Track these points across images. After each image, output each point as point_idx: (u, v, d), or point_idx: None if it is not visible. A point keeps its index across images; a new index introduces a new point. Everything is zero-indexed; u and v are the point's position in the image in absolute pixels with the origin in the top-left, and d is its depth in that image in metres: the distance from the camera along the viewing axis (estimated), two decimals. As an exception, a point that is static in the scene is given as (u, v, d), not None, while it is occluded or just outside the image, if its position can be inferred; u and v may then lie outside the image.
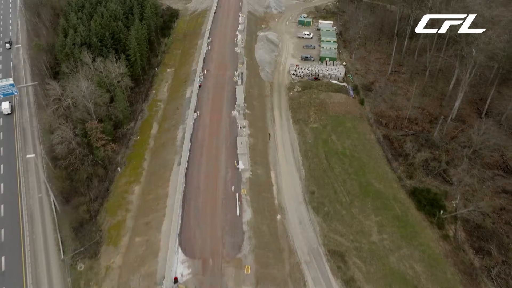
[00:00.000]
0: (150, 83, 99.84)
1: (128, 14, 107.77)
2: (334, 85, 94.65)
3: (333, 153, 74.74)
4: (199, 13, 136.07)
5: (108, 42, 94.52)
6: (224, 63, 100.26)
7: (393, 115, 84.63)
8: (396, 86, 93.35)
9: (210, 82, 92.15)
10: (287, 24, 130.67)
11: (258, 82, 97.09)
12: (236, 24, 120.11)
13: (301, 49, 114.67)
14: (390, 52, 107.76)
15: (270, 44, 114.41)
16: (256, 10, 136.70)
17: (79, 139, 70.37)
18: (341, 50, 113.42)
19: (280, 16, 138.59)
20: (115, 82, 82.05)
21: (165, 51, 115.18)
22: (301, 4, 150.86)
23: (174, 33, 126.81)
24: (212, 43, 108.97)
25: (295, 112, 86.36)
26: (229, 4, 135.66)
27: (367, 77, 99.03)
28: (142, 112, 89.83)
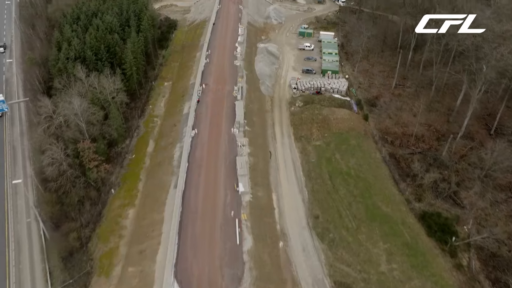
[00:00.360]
0: (147, 97, 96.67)
1: (124, 26, 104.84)
2: (337, 100, 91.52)
3: (338, 173, 71.34)
4: (197, 24, 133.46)
5: (103, 56, 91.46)
6: (223, 76, 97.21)
7: (399, 132, 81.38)
8: (401, 101, 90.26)
9: (208, 97, 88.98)
10: (288, 35, 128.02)
11: (258, 96, 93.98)
12: (236, 36, 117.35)
13: (302, 61, 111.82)
14: (393, 64, 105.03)
15: (270, 57, 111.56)
16: (256, 21, 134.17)
17: (70, 160, 66.91)
18: (343, 63, 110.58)
19: (280, 27, 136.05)
20: (109, 98, 78.82)
21: (163, 64, 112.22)
22: (301, 14, 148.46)
23: (172, 44, 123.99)
24: (211, 56, 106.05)
25: (297, 128, 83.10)
26: (228, 15, 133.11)
27: (370, 91, 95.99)
28: (138, 128, 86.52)
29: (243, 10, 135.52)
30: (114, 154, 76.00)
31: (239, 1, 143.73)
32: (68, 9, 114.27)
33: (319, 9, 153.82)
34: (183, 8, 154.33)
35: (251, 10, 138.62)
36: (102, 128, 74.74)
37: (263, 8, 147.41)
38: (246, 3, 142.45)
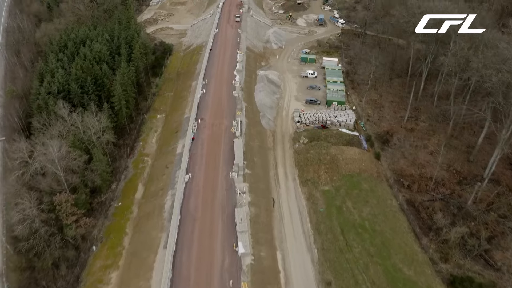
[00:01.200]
0: (137, 132, 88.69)
1: (114, 54, 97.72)
2: (344, 136, 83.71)
3: (350, 226, 62.89)
4: (194, 49, 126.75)
5: (90, 89, 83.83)
6: (220, 109, 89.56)
7: (416, 173, 73.36)
8: (415, 137, 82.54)
9: (204, 134, 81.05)
10: (289, 61, 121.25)
11: (259, 131, 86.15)
12: (234, 63, 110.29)
13: (305, 90, 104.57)
14: (404, 94, 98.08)
15: (271, 85, 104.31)
16: (255, 46, 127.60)
17: (45, 216, 58.23)
18: (349, 92, 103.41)
19: (281, 51, 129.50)
20: (94, 138, 70.69)
21: (156, 94, 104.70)
22: (302, 38, 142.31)
23: (167, 71, 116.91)
24: (207, 86, 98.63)
25: (303, 170, 74.95)
26: (226, 40, 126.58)
27: (380, 125, 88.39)
28: (127, 169, 78.25)
29: (241, 34, 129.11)
30: (97, 204, 67.32)
31: (237, 25, 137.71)
32: (57, 35, 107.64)
33: (320, 32, 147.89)
34: (179, 32, 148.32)
35: (250, 34, 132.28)
36: (85, 174, 66.35)
37: (262, 32, 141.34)
38: (245, 26, 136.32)
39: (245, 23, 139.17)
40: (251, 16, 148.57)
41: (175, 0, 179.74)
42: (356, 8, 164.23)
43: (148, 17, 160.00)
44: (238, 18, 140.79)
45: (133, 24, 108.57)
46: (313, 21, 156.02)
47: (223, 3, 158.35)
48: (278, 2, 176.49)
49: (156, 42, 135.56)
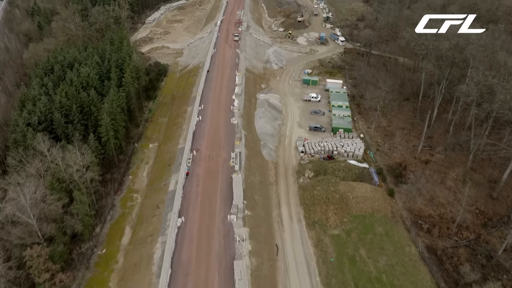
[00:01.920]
0: (127, 165, 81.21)
1: (104, 78, 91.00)
2: (353, 169, 76.41)
3: (365, 280, 55.05)
4: (190, 70, 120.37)
5: (75, 118, 76.77)
6: (217, 139, 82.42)
7: (435, 214, 65.92)
8: (430, 169, 75.36)
9: (200, 168, 73.65)
10: (290, 83, 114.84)
11: (259, 164, 78.81)
12: (232, 86, 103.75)
13: (308, 115, 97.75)
14: (414, 120, 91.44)
15: (272, 110, 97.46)
16: (255, 67, 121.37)
17: (13, 274, 50.25)
18: (355, 117, 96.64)
19: (282, 72, 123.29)
20: (76, 177, 63.14)
21: (149, 119, 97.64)
22: (303, 57, 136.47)
23: (161, 94, 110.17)
24: (204, 112, 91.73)
25: (309, 210, 67.37)
26: (225, 60, 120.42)
27: (392, 155, 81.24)
28: (113, 208, 70.52)
29: (240, 54, 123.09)
30: (77, 255, 59.31)
31: (236, 44, 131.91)
32: (44, 57, 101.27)
33: (322, 51, 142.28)
34: (175, 51, 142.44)
35: (249, 54, 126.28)
36: (63, 220, 58.55)
37: (262, 51, 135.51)
38: (244, 46, 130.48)
39: (244, 42, 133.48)
40: (250, 34, 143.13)
41: (172, 18, 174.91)
42: (359, 26, 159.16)
43: (144, 36, 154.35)
44: (237, 37, 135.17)
45: (125, 46, 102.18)
46: (314, 40, 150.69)
47: (221, 21, 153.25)
48: (278, 19, 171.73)
49: (151, 62, 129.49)
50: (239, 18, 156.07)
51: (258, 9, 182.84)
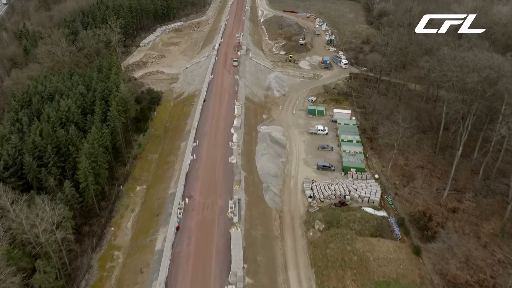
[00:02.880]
0: (110, 213, 70.67)
1: (88, 112, 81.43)
2: (370, 220, 65.97)
3: None
4: (185, 99, 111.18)
5: (50, 160, 66.65)
6: (214, 182, 72.21)
7: (473, 281, 55.07)
8: (460, 220, 64.96)
9: (193, 221, 63.15)
10: (294, 113, 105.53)
11: (262, 212, 68.38)
12: (231, 117, 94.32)
13: (315, 151, 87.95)
14: (434, 158, 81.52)
15: (275, 146, 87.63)
16: (255, 94, 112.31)
17: None
18: (368, 153, 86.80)
19: (284, 100, 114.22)
20: (42, 239, 52.54)
21: (138, 156, 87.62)
22: (307, 83, 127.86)
23: (153, 126, 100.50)
24: (198, 149, 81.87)
25: (322, 274, 56.59)
26: (222, 88, 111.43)
27: (413, 202, 70.99)
28: (90, 271, 59.65)
29: (239, 81, 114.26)
30: None
31: (234, 70, 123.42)
32: (28, 84, 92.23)
33: (327, 76, 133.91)
34: (170, 76, 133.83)
35: (249, 81, 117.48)
36: (23, 295, 47.66)
37: (262, 77, 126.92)
38: (243, 71, 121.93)
39: (244, 67, 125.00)
40: (250, 59, 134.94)
41: (167, 41, 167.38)
42: (364, 49, 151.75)
43: (137, 60, 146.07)
44: (236, 62, 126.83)
45: (114, 74, 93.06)
46: (317, 64, 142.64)
47: (220, 44, 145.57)
48: (279, 42, 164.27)
49: (144, 89, 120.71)
50: (238, 41, 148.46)
51: (258, 31, 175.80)
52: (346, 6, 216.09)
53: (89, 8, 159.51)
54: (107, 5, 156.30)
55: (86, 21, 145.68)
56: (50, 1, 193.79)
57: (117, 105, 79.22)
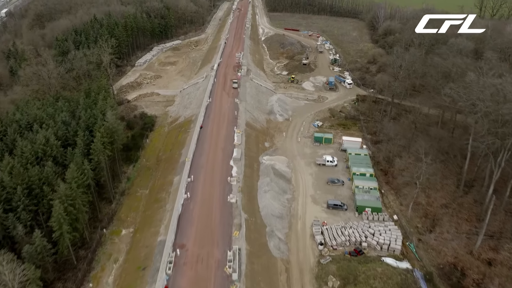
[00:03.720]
0: (89, 264, 60.81)
1: (70, 143, 72.57)
2: (393, 275, 56.20)
3: None
4: (181, 124, 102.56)
5: (20, 204, 57.32)
6: (210, 228, 62.69)
7: None
8: (499, 275, 55.19)
9: (184, 278, 53.40)
10: (299, 141, 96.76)
11: (265, 265, 58.65)
12: (230, 147, 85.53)
13: (324, 185, 78.82)
14: (459, 195, 72.17)
15: (279, 181, 78.44)
16: (256, 120, 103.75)
17: None
18: (383, 189, 77.57)
19: (288, 125, 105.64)
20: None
21: (126, 192, 78.29)
22: (311, 106, 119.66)
23: (145, 155, 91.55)
24: (193, 185, 72.69)
25: None
26: (221, 112, 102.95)
27: (441, 250, 61.38)
28: None
29: (239, 105, 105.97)
30: None
31: (234, 92, 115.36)
32: (3, 112, 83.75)
33: (332, 98, 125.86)
34: (166, 98, 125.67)
35: (250, 104, 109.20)
36: None
37: (264, 99, 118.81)
38: (244, 93, 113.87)
39: (244, 90, 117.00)
40: (251, 80, 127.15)
41: (164, 60, 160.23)
42: (370, 69, 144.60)
43: (132, 80, 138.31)
44: (236, 84, 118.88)
45: (101, 99, 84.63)
46: (322, 85, 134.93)
47: (219, 65, 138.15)
48: (281, 62, 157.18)
49: (137, 113, 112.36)
50: (238, 61, 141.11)
51: (259, 50, 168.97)
52: (349, 24, 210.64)
53: (82, 26, 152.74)
54: (101, 23, 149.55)
55: (79, 40, 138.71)
56: (45, 19, 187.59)
57: (102, 137, 70.31)
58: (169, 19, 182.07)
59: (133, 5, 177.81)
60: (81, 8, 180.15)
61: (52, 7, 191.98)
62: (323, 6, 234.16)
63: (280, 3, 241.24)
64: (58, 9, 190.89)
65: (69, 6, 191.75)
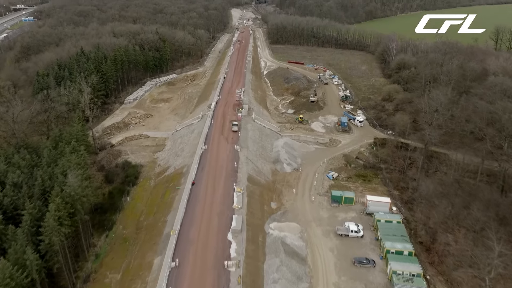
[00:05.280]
0: None
1: (14, 217, 54.94)
2: None
3: None
4: (170, 178, 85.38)
5: None
6: None
7: None
8: None
9: None
10: (313, 200, 79.29)
11: None
12: (228, 212, 68.11)
13: (349, 268, 60.58)
14: None
15: (291, 261, 60.12)
16: (260, 171, 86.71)
17: None
18: (427, 273, 59.08)
19: (298, 177, 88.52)
20: None
21: (91, 277, 59.71)
22: (323, 151, 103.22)
23: (122, 220, 73.77)
24: (178, 275, 54.41)
25: None
26: (218, 164, 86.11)
27: None
28: None
29: (240, 153, 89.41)
30: None
31: (234, 137, 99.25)
32: None
33: (346, 142, 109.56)
34: (155, 142, 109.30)
35: (252, 152, 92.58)
36: None
37: (268, 144, 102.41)
38: (245, 139, 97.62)
39: (245, 133, 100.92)
40: (253, 120, 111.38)
41: (157, 96, 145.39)
42: (386, 107, 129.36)
43: (118, 120, 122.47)
44: (236, 127, 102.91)
45: (69, 153, 67.85)
46: (333, 125, 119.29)
47: (217, 102, 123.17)
48: (286, 98, 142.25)
49: (119, 161, 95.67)
50: (238, 98, 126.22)
51: (261, 85, 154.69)
52: (357, 57, 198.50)
53: (69, 59, 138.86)
54: (88, 56, 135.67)
55: (61, 75, 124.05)
56: (32, 51, 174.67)
57: (58, 209, 52.76)
58: (165, 51, 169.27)
59: (126, 37, 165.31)
60: (70, 40, 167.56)
61: (41, 39, 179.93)
62: (328, 38, 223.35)
63: (283, 35, 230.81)
64: (47, 41, 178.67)
65: (59, 38, 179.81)
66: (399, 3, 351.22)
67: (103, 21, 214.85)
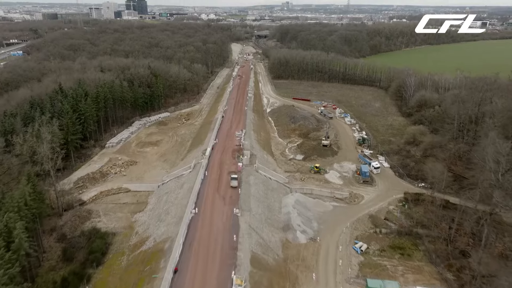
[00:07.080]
0: None
1: None
2: None
3: None
4: (147, 256, 63.96)
5: None
6: None
7: None
8: None
9: None
10: (341, 292, 57.48)
11: None
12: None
13: None
14: None
15: None
16: (267, 246, 65.44)
17: None
18: None
19: (316, 251, 67.48)
20: None
21: None
22: (343, 211, 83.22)
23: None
24: None
25: None
26: (211, 237, 65.00)
27: None
28: None
29: (240, 219, 68.72)
30: None
31: (232, 196, 78.95)
32: None
33: (369, 197, 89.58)
34: (136, 198, 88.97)
35: (256, 217, 71.79)
36: None
37: (276, 203, 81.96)
38: (247, 198, 77.17)
39: (247, 189, 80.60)
40: (257, 171, 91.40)
41: (145, 139, 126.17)
42: (411, 153, 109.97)
43: (95, 170, 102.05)
44: (235, 181, 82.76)
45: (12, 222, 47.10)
46: (351, 175, 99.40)
47: (213, 148, 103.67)
48: (293, 141, 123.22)
49: (86, 227, 75.32)
50: (238, 143, 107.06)
51: (265, 125, 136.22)
52: (367, 93, 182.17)
53: (45, 97, 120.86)
54: (66, 93, 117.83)
55: (31, 116, 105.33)
56: (10, 87, 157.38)
57: None
58: (157, 88, 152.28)
59: (114, 72, 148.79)
60: (52, 75, 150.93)
61: (21, 73, 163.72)
62: (334, 73, 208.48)
63: (286, 70, 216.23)
64: (28, 76, 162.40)
65: (41, 73, 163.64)
66: (403, 38, 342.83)
67: (94, 55, 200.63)
